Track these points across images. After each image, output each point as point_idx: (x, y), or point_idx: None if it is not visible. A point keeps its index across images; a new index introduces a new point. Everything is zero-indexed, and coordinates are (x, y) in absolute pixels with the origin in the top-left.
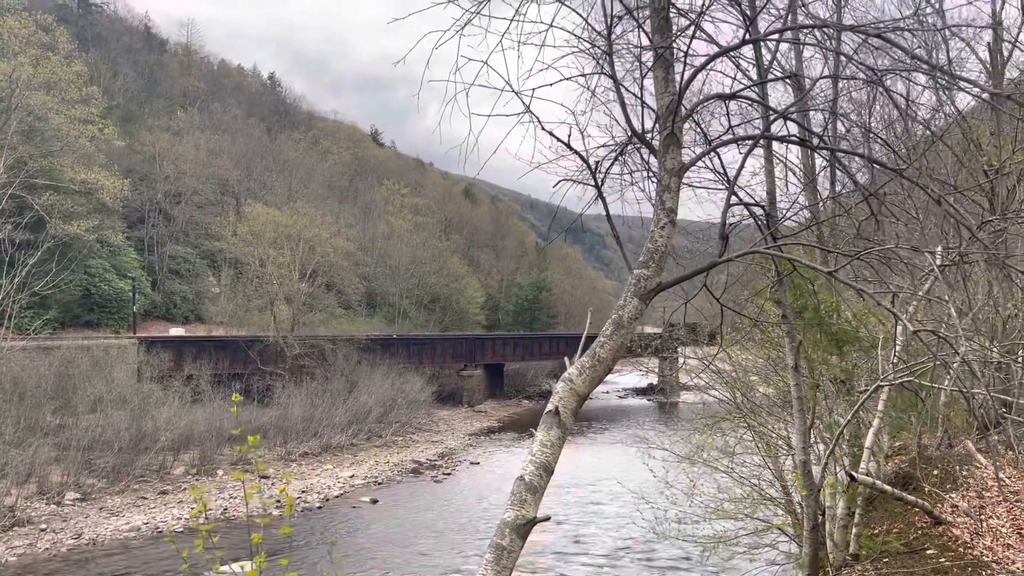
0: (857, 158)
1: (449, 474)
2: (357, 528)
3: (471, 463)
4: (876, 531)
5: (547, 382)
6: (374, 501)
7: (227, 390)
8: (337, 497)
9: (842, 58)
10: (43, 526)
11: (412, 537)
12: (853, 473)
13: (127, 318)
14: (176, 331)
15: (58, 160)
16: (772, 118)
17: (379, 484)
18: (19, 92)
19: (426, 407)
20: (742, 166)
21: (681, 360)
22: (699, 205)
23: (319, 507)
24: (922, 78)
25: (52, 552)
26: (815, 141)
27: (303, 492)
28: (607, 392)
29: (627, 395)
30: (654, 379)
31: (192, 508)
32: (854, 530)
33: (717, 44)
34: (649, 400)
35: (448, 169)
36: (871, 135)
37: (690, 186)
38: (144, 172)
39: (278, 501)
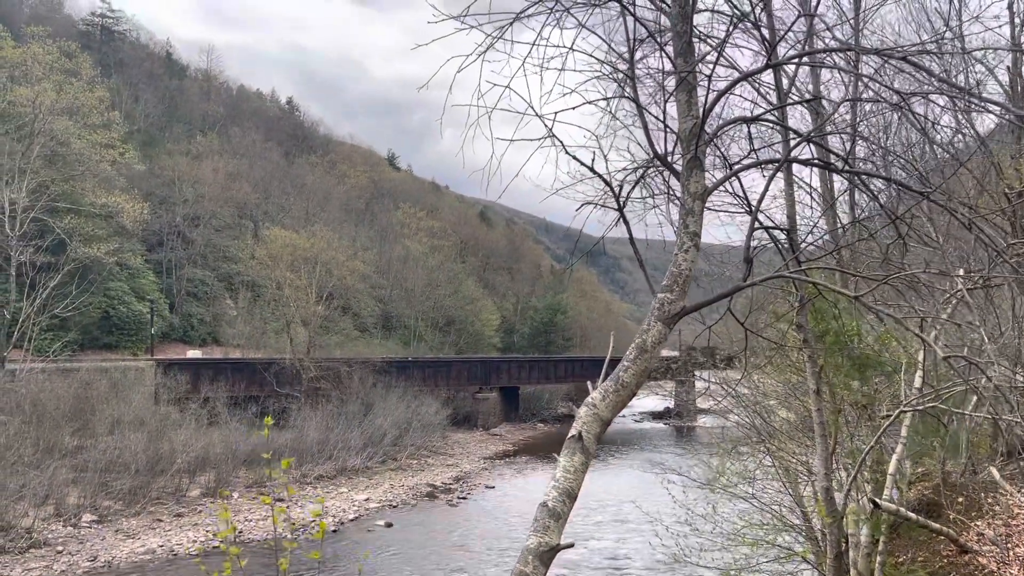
0: (878, 182)
1: (464, 498)
2: (372, 552)
3: (486, 487)
4: (901, 559)
5: (563, 405)
6: (389, 525)
7: (243, 412)
8: (352, 520)
9: (865, 81)
10: (60, 548)
11: (427, 561)
12: (877, 500)
13: (145, 340)
14: (193, 353)
15: (79, 184)
16: (796, 141)
17: (394, 507)
18: (42, 117)
19: (441, 430)
20: (766, 190)
21: (701, 384)
22: (717, 228)
23: (334, 530)
24: (941, 100)
25: (68, 575)
26: (840, 164)
27: (319, 516)
28: (623, 416)
29: (643, 419)
30: (670, 403)
31: (207, 531)
32: (878, 558)
33: (736, 69)
34: (666, 424)
35: (464, 192)
36: (894, 157)
37: (710, 209)
38: (163, 196)
39: (294, 524)
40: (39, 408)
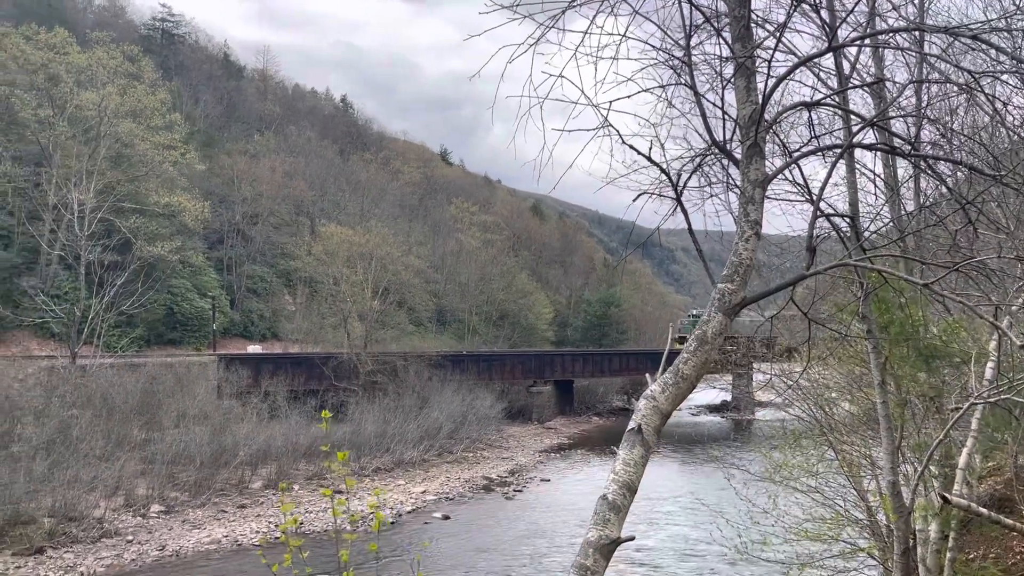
0: (945, 166)
1: (520, 491)
2: (431, 543)
3: (542, 480)
4: (971, 556)
5: (618, 399)
6: (446, 517)
7: (303, 406)
8: (410, 512)
9: (932, 61)
10: (129, 538)
11: (485, 554)
12: (947, 495)
13: (207, 336)
14: (254, 348)
15: (143, 184)
16: (860, 126)
17: (450, 500)
18: (107, 120)
19: (496, 423)
20: (828, 177)
21: (760, 376)
22: (776, 217)
23: (392, 522)
24: (1012, 80)
25: (138, 563)
26: (906, 149)
27: (376, 508)
28: (680, 409)
29: (700, 412)
30: (728, 396)
31: (270, 522)
32: (948, 555)
33: (796, 53)
34: (723, 417)
35: (516, 186)
36: (966, 139)
37: (769, 198)
38: (223, 194)
39: (353, 516)
40: (109, 402)
